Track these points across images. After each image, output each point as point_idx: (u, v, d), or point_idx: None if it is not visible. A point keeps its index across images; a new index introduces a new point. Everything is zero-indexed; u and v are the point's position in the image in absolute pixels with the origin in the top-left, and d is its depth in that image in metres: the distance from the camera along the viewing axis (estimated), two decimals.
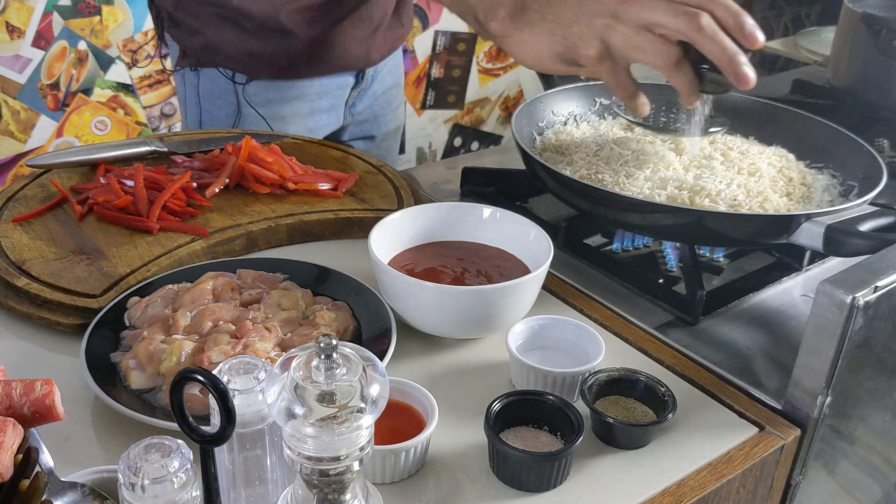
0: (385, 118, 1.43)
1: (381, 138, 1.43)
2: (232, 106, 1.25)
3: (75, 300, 0.81)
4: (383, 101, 1.41)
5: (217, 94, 1.26)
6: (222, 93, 1.25)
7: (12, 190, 1.00)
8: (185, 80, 1.28)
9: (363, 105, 1.37)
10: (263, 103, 1.25)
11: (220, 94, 1.26)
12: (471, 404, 0.74)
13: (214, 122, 1.28)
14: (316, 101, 1.28)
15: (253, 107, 1.25)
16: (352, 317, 0.80)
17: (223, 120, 1.27)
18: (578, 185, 0.90)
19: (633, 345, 0.83)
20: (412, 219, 0.88)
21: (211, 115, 1.28)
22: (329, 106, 1.31)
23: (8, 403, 0.55)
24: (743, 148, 1.02)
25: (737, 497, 0.72)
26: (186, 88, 1.28)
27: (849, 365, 0.72)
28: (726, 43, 0.77)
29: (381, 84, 1.38)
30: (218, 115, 1.27)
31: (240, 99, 1.25)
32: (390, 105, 1.43)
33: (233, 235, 0.93)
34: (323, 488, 0.51)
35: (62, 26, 2.09)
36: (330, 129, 1.33)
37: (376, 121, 1.41)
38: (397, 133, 1.49)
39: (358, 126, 1.39)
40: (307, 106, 1.28)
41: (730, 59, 0.77)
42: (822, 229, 0.80)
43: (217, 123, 1.28)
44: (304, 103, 1.27)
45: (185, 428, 0.52)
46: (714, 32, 0.77)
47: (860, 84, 1.33)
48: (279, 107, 1.26)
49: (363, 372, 0.49)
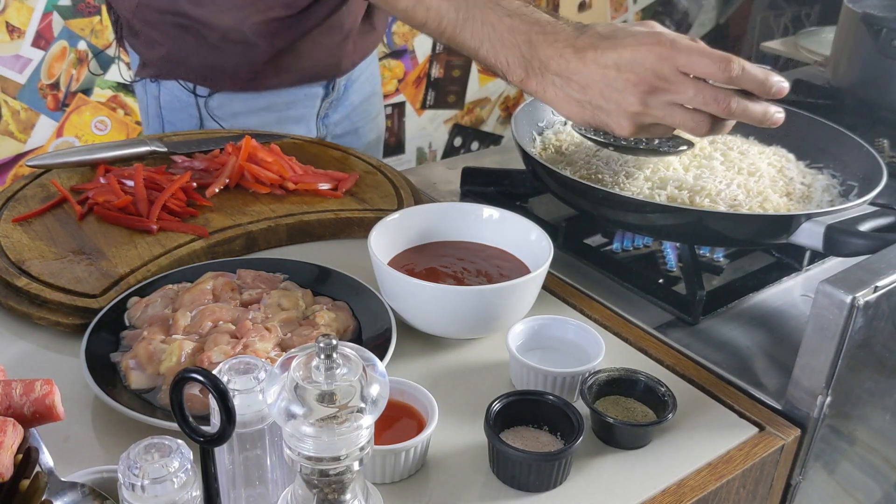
0: (365, 129, 1.38)
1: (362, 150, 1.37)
2: (194, 119, 1.22)
3: (75, 300, 0.81)
4: (362, 112, 1.36)
5: (179, 106, 1.21)
6: (184, 105, 1.21)
7: (12, 190, 0.99)
8: (147, 91, 1.24)
9: (339, 116, 1.33)
10: (227, 116, 1.21)
11: (181, 107, 1.21)
12: (471, 404, 0.74)
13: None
14: (284, 111, 1.24)
15: (216, 120, 1.21)
16: (352, 317, 0.80)
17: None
18: (578, 186, 0.90)
19: (633, 345, 0.83)
20: (412, 219, 0.88)
21: (173, 126, 1.24)
22: (299, 116, 1.26)
23: (8, 403, 0.55)
24: (743, 148, 1.02)
25: (737, 497, 0.72)
26: (148, 99, 1.24)
27: (849, 365, 0.72)
28: (756, 114, 0.80)
29: (358, 94, 1.34)
30: (181, 127, 1.23)
31: (202, 112, 1.21)
32: (369, 115, 1.39)
33: (233, 235, 0.93)
34: (323, 488, 0.51)
35: (62, 26, 2.09)
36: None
37: (357, 133, 1.37)
38: (378, 143, 1.45)
39: (337, 139, 1.34)
40: (274, 116, 1.24)
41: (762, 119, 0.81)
42: (822, 229, 0.80)
43: None
44: (271, 114, 1.23)
45: (185, 428, 0.52)
46: (744, 110, 0.79)
47: (860, 84, 1.33)
48: (244, 119, 1.22)
49: (363, 372, 0.49)
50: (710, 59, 0.77)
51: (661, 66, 0.78)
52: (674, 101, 0.79)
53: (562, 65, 0.82)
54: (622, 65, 0.79)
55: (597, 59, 0.80)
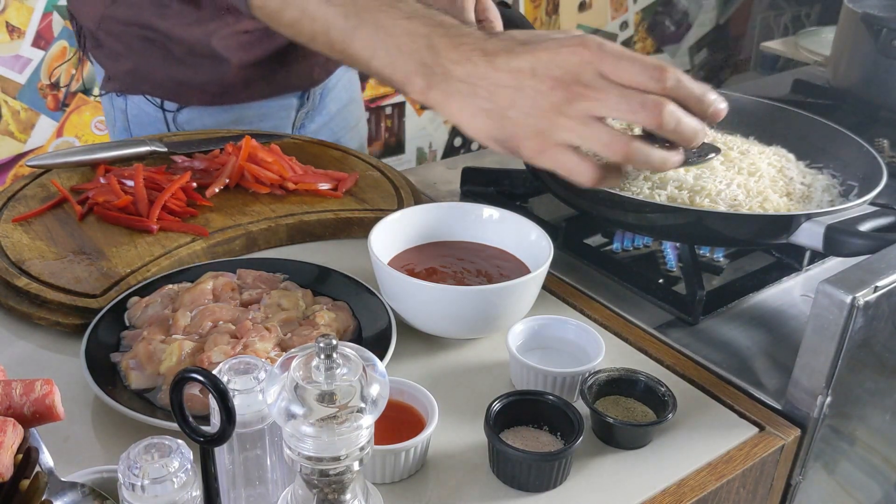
0: (346, 138, 1.34)
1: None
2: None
3: (75, 300, 0.81)
4: (340, 121, 1.32)
5: (147, 121, 1.17)
6: (152, 120, 1.17)
7: (12, 190, 0.99)
8: (113, 105, 1.20)
9: (316, 126, 1.29)
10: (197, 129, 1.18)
11: (149, 122, 1.17)
12: (471, 404, 0.74)
13: None
14: (257, 123, 1.20)
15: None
16: (352, 317, 0.80)
17: None
18: (578, 185, 0.89)
19: (633, 345, 0.83)
20: (412, 219, 0.88)
21: None
22: (272, 129, 1.22)
23: (8, 403, 0.55)
24: (743, 148, 1.02)
25: (737, 497, 0.72)
26: (115, 113, 1.20)
27: (849, 365, 0.72)
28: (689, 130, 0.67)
29: (336, 102, 1.30)
30: None
31: (170, 127, 1.18)
32: (348, 124, 1.34)
33: (233, 235, 0.93)
34: (323, 488, 0.51)
35: (62, 26, 2.09)
36: None
37: (338, 142, 1.32)
38: (361, 151, 1.39)
39: None
40: (245, 129, 1.18)
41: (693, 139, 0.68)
42: (822, 229, 0.80)
43: None
44: (244, 127, 1.18)
45: (185, 428, 0.52)
46: (677, 123, 0.66)
47: (860, 84, 1.33)
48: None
49: (363, 372, 0.49)
50: (641, 65, 0.65)
51: (582, 70, 0.66)
52: (593, 113, 0.66)
53: (468, 69, 0.69)
54: (538, 68, 0.67)
55: (510, 62, 0.68)
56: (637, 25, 3.09)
